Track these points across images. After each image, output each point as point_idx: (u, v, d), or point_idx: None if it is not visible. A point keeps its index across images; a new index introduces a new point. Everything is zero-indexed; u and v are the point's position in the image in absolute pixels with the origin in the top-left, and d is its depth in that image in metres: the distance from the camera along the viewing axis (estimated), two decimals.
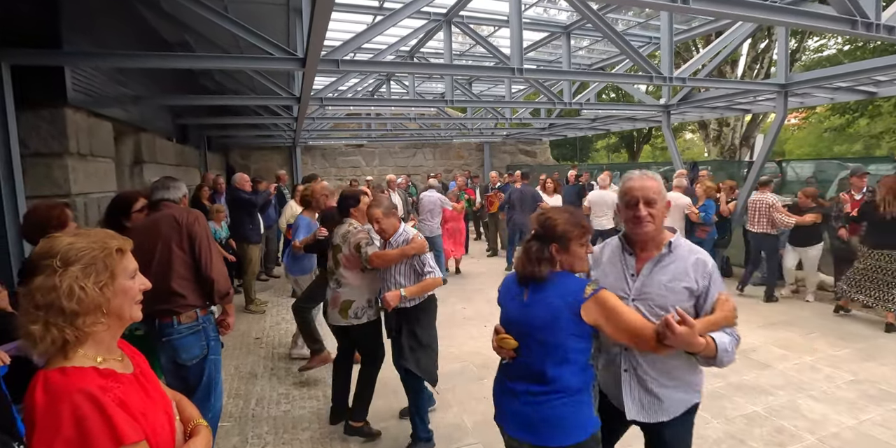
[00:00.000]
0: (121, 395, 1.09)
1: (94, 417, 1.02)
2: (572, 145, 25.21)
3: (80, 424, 1.01)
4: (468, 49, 8.58)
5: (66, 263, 1.09)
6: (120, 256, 1.18)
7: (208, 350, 2.59)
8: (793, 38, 12.80)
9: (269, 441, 3.21)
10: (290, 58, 4.10)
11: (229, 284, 2.65)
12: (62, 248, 1.10)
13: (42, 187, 3.72)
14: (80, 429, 1.00)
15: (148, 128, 6.03)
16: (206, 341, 2.58)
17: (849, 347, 4.62)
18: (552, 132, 14.37)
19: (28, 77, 3.60)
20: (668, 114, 8.55)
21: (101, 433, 1.02)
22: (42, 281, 1.06)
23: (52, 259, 1.08)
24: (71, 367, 1.07)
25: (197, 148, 9.41)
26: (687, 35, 7.45)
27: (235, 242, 5.99)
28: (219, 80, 8.53)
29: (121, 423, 1.04)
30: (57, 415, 1.00)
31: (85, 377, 1.06)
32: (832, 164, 8.30)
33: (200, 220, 2.62)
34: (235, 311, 2.97)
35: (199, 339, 2.55)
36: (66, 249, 1.10)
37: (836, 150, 23.92)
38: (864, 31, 3.75)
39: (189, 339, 2.53)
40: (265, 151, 14.50)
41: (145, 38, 5.74)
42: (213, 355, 2.62)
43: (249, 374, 4.27)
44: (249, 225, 5.91)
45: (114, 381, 1.10)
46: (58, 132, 3.76)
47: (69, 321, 1.07)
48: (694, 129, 23.03)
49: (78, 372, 1.07)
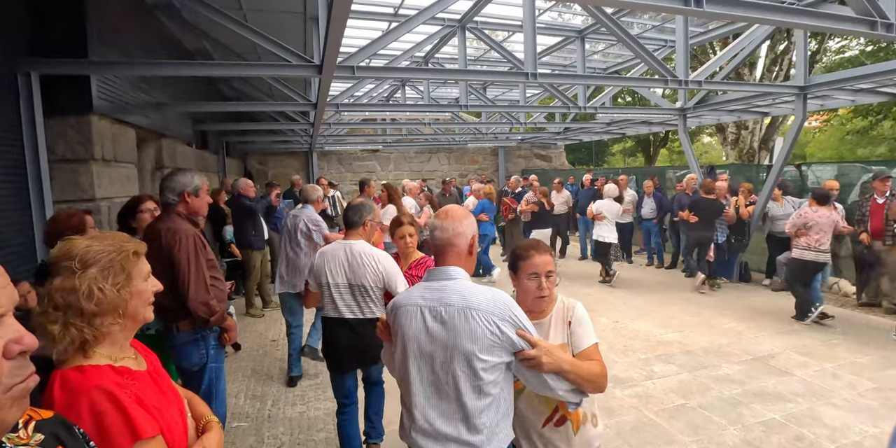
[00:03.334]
0: (137, 391, 1.12)
1: (111, 413, 1.05)
2: (588, 149, 25.07)
3: (99, 420, 1.04)
4: (483, 54, 8.63)
5: (85, 265, 1.12)
6: (136, 259, 1.21)
7: (207, 358, 2.54)
8: (813, 39, 12.59)
9: (285, 441, 3.25)
10: (307, 65, 4.18)
11: (212, 311, 2.46)
12: (80, 250, 1.13)
13: (68, 192, 3.84)
14: (99, 424, 1.04)
15: (169, 134, 6.17)
16: (205, 350, 2.52)
17: (871, 354, 4.52)
18: (567, 136, 14.32)
19: (56, 85, 3.74)
20: (684, 117, 8.48)
21: (120, 428, 1.05)
22: (61, 282, 1.10)
23: (70, 261, 1.11)
24: (88, 366, 1.10)
25: (216, 153, 9.60)
26: (703, 38, 7.40)
27: (239, 248, 6.09)
28: (237, 86, 8.71)
29: (138, 419, 1.07)
30: (76, 411, 1.03)
31: (102, 374, 1.10)
32: (855, 167, 8.11)
33: (183, 242, 2.42)
34: (242, 315, 2.94)
35: (197, 348, 2.50)
36: (84, 251, 1.13)
37: (860, 154, 23.37)
38: (885, 33, 3.69)
39: (188, 348, 2.50)
40: (282, 157, 14.72)
41: (167, 47, 5.90)
42: (214, 364, 2.57)
43: (266, 376, 4.33)
44: (252, 231, 5.96)
45: (129, 378, 1.14)
46: (84, 139, 3.89)
47: (87, 321, 1.10)
48: (712, 133, 22.74)
49: (95, 370, 1.10)
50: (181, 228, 2.46)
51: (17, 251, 3.38)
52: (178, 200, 2.55)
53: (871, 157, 22.01)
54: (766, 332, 5.16)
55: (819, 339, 4.95)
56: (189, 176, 2.61)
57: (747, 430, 3.25)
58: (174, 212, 2.55)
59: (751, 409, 3.54)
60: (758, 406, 3.58)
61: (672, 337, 5.13)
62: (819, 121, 21.42)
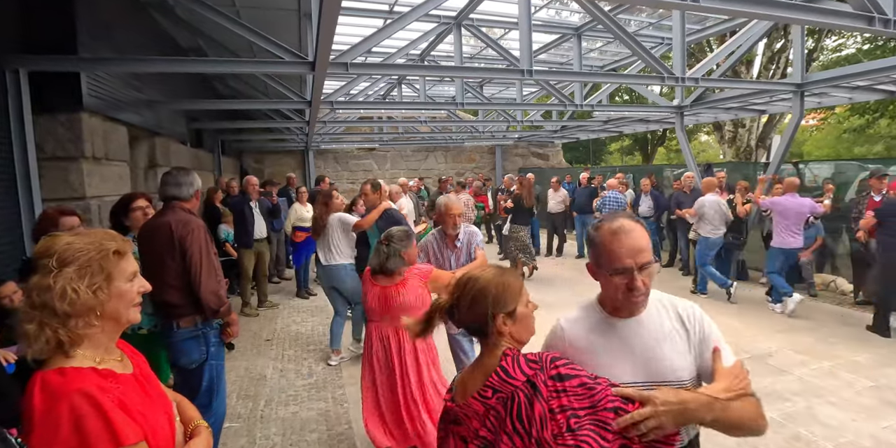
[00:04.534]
0: (120, 395, 1.08)
1: (92, 418, 1.01)
2: (585, 148, 25.06)
3: (79, 425, 1.00)
4: (479, 52, 8.58)
5: (62, 264, 1.07)
6: (117, 258, 1.16)
7: (207, 355, 2.53)
8: (810, 37, 12.58)
9: (277, 442, 3.22)
10: (300, 61, 4.14)
11: (221, 301, 2.51)
12: (59, 247, 1.09)
13: (58, 190, 3.79)
14: (79, 429, 1.00)
15: (162, 132, 6.11)
16: (205, 346, 2.52)
17: (869, 352, 4.50)
18: (564, 134, 14.29)
19: (45, 82, 3.68)
20: (681, 115, 8.45)
21: (100, 434, 1.01)
22: (38, 280, 1.06)
23: (49, 259, 1.07)
24: (69, 368, 1.06)
25: (211, 152, 9.53)
26: (700, 35, 7.36)
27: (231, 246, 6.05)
28: (232, 84, 8.64)
29: (119, 424, 1.03)
30: (55, 415, 1.00)
31: (83, 377, 1.06)
32: (851, 165, 8.11)
33: (196, 233, 2.47)
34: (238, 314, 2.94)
35: (198, 345, 2.50)
36: (63, 249, 1.09)
37: (857, 152, 23.39)
38: (882, 28, 3.67)
39: (188, 344, 2.49)
40: (278, 155, 14.65)
41: (159, 44, 5.84)
42: (214, 361, 2.57)
43: (259, 376, 4.29)
44: (241, 229, 5.95)
45: (113, 382, 1.10)
46: (74, 136, 3.83)
47: (62, 322, 1.06)
48: (709, 131, 22.74)
49: (76, 372, 1.06)
50: (192, 220, 2.54)
51: (5, 250, 3.33)
52: (190, 198, 2.64)
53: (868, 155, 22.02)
54: (763, 331, 5.14)
55: (817, 337, 4.94)
56: (196, 176, 2.74)
57: None
58: (179, 207, 2.60)
59: None
60: None
61: None
62: (816, 119, 21.44)
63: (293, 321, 5.87)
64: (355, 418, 3.49)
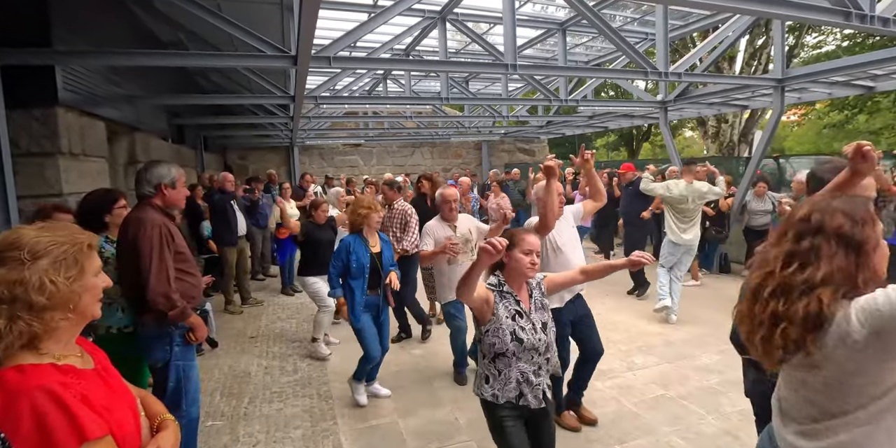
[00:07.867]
0: (82, 390, 1.06)
1: (55, 413, 0.99)
2: (571, 144, 25.12)
3: (41, 421, 0.98)
4: (464, 47, 8.56)
5: (35, 256, 1.05)
6: (89, 252, 1.16)
7: (171, 355, 2.45)
8: (790, 34, 12.75)
9: (261, 439, 3.19)
10: (282, 55, 4.08)
11: (172, 304, 2.37)
12: (29, 240, 1.07)
13: (34, 187, 3.71)
14: (41, 426, 0.98)
15: (143, 128, 6.01)
16: (169, 346, 2.44)
17: None
18: (550, 130, 14.33)
19: (18, 76, 3.58)
20: (665, 110, 8.52)
21: (64, 429, 0.99)
22: (6, 274, 1.03)
23: (19, 251, 1.05)
24: (27, 365, 1.04)
25: (193, 148, 9.41)
26: (683, 31, 7.42)
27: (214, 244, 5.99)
28: (215, 79, 8.52)
29: (84, 419, 1.01)
30: (16, 413, 0.97)
31: (43, 374, 1.04)
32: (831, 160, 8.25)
33: (147, 231, 2.35)
34: (220, 312, 2.88)
35: (161, 344, 2.43)
36: (34, 242, 1.07)
37: (836, 147, 23.80)
38: (859, 23, 3.72)
39: (152, 342, 2.43)
40: (263, 151, 14.48)
41: (140, 39, 5.72)
42: (180, 361, 2.47)
43: (243, 373, 4.26)
44: (224, 227, 5.89)
45: (74, 377, 1.08)
46: (49, 132, 3.75)
47: (37, 315, 1.04)
48: (693, 127, 22.98)
49: (35, 369, 1.04)
50: (148, 217, 2.40)
51: None
52: (155, 193, 2.51)
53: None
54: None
55: None
56: (166, 167, 2.57)
57: (725, 419, 3.28)
58: (148, 203, 2.50)
59: (729, 398, 3.57)
60: (735, 395, 3.60)
61: (653, 328, 5.17)
62: (797, 115, 21.79)
63: (278, 318, 5.82)
64: (341, 414, 3.49)
